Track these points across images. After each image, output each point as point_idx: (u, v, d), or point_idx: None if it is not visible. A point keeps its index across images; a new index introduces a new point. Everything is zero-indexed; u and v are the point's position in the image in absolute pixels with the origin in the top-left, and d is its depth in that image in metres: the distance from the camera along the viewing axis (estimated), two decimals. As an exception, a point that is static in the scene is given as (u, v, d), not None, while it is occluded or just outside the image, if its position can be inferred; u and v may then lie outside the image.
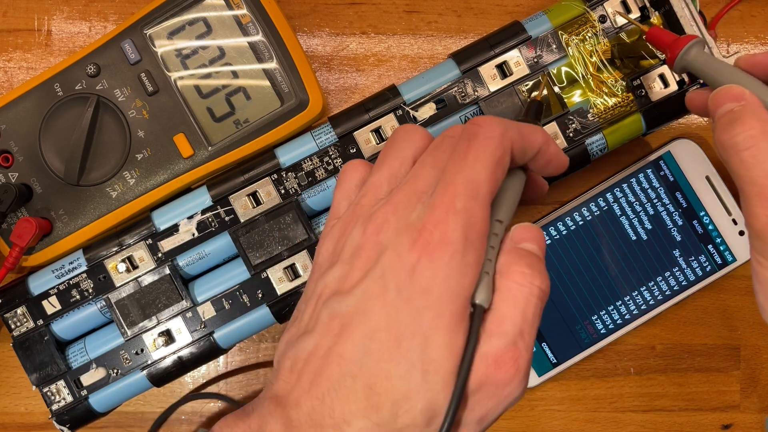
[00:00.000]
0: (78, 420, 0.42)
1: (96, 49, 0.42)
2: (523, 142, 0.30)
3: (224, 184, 0.41)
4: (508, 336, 0.28)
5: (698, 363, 0.47)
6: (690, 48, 0.35)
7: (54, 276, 0.41)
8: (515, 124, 0.30)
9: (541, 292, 0.29)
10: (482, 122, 0.30)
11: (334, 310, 0.29)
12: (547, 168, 0.33)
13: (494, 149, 0.29)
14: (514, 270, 0.29)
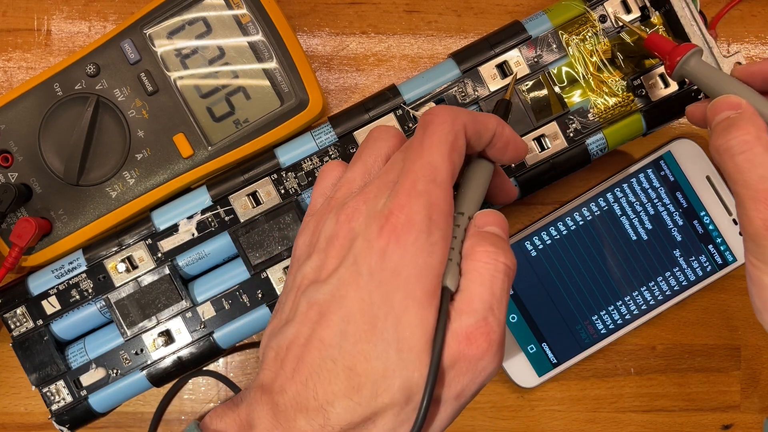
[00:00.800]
0: (78, 420, 0.42)
1: (96, 49, 0.42)
2: (476, 125, 0.32)
3: (224, 184, 0.41)
4: (479, 313, 0.29)
5: (698, 363, 0.47)
6: (689, 57, 0.36)
7: (54, 276, 0.41)
8: (468, 111, 0.32)
9: (506, 267, 0.30)
10: (435, 110, 0.31)
11: (312, 298, 0.30)
12: (506, 152, 0.33)
13: (446, 133, 0.31)
14: (478, 250, 0.30)
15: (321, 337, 0.30)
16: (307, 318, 0.30)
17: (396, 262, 0.29)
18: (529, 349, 0.45)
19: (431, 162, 0.30)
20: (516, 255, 0.45)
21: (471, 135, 0.32)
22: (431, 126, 0.31)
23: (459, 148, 0.31)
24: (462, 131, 0.31)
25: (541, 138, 0.41)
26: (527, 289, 0.45)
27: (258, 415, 0.30)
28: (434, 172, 0.30)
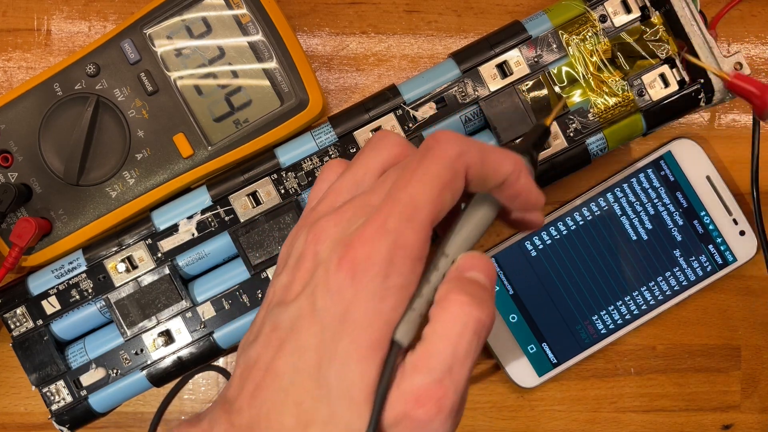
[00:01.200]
0: (77, 420, 0.42)
1: (95, 49, 0.42)
2: (484, 168, 0.28)
3: (224, 184, 0.41)
4: (434, 373, 0.26)
5: (699, 363, 0.47)
6: None
7: (53, 276, 0.41)
8: (480, 147, 0.28)
9: (478, 324, 0.27)
10: (441, 138, 0.28)
11: (274, 321, 0.29)
12: (514, 202, 0.30)
13: (442, 170, 0.27)
14: (451, 299, 0.27)
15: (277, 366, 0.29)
16: (270, 343, 0.29)
17: (347, 303, 0.27)
18: (529, 349, 0.45)
19: (414, 197, 0.27)
20: (516, 255, 0.45)
21: (474, 177, 0.28)
22: (431, 154, 0.28)
23: (454, 189, 0.28)
24: (463, 171, 0.28)
25: (541, 138, 0.41)
26: (527, 289, 0.45)
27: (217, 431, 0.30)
28: (413, 211, 0.27)
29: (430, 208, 0.27)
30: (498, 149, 0.29)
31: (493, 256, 0.45)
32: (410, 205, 0.27)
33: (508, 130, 0.41)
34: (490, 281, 0.28)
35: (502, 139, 0.41)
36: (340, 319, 0.27)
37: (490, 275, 0.29)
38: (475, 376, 0.46)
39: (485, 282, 0.28)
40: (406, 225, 0.27)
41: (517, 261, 0.45)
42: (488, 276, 0.28)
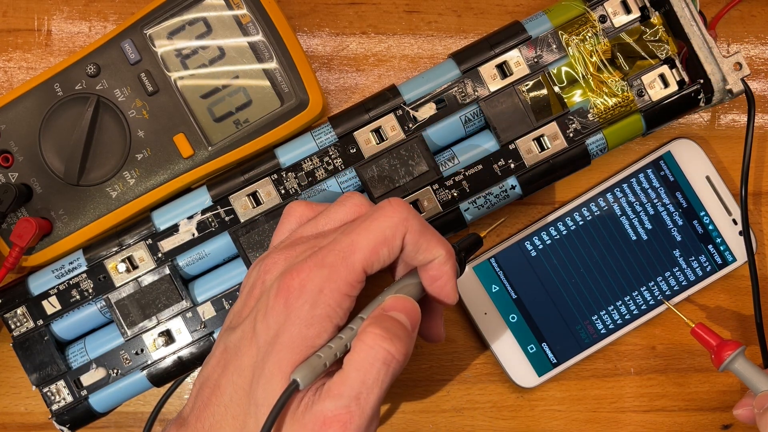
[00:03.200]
0: (78, 420, 0.42)
1: (96, 49, 0.42)
2: (420, 239, 0.32)
3: (224, 184, 0.41)
4: (342, 399, 0.29)
5: (698, 363, 0.47)
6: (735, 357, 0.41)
7: (54, 276, 0.41)
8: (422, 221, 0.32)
9: (389, 356, 0.29)
10: (393, 202, 0.32)
11: (225, 343, 0.33)
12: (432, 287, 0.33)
13: (385, 227, 0.31)
14: (368, 331, 0.30)
15: (221, 384, 0.32)
16: (219, 363, 0.32)
17: (278, 327, 0.30)
18: (529, 349, 0.45)
19: (354, 242, 0.31)
20: (516, 255, 0.45)
21: (410, 243, 0.32)
22: (376, 213, 0.32)
23: (391, 247, 0.31)
24: (402, 233, 0.31)
25: (540, 138, 0.41)
26: (527, 289, 0.45)
27: None
28: (350, 252, 0.30)
29: (365, 254, 0.30)
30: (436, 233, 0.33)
31: (493, 256, 0.45)
32: (349, 248, 0.31)
33: (508, 131, 0.41)
34: (410, 322, 0.31)
35: (501, 139, 0.41)
36: (271, 341, 0.30)
37: (411, 317, 0.32)
38: (475, 375, 0.46)
39: (404, 321, 0.31)
40: (341, 262, 0.30)
41: (517, 261, 0.45)
42: (409, 317, 0.31)
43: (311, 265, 0.31)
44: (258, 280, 0.33)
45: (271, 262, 0.33)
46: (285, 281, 0.30)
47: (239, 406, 0.31)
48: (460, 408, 0.47)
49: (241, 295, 0.34)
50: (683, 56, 0.41)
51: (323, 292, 0.30)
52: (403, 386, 0.46)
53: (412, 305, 0.32)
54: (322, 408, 0.29)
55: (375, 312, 0.32)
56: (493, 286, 0.45)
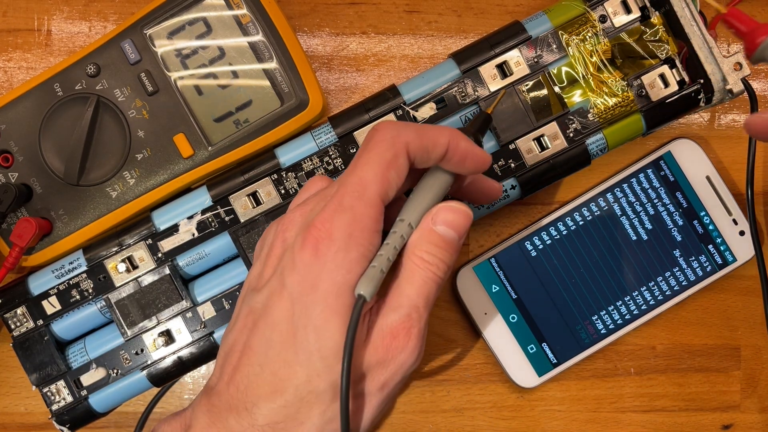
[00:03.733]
0: (78, 420, 0.42)
1: (96, 49, 0.42)
2: (422, 141, 0.32)
3: (224, 184, 0.41)
4: (403, 310, 0.31)
5: (698, 363, 0.47)
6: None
7: (54, 276, 0.41)
8: (414, 126, 0.32)
9: (438, 278, 0.32)
10: (378, 127, 0.32)
11: (249, 306, 0.33)
12: (464, 166, 0.33)
13: (383, 151, 0.31)
14: (419, 252, 0.32)
15: (252, 344, 0.32)
16: (244, 325, 0.33)
17: (315, 276, 0.30)
18: (529, 349, 0.45)
19: (362, 178, 0.31)
20: (516, 255, 0.45)
21: (416, 151, 0.32)
22: (371, 143, 0.32)
23: (398, 166, 0.31)
24: (403, 149, 0.31)
25: (541, 138, 0.41)
26: (527, 289, 0.45)
27: (197, 416, 0.32)
28: (363, 189, 0.31)
29: (377, 185, 0.31)
30: (432, 126, 0.33)
31: (493, 256, 0.45)
32: (360, 184, 0.31)
33: (508, 131, 0.41)
34: (459, 234, 0.33)
35: (501, 139, 0.41)
36: (308, 292, 0.30)
37: (459, 229, 0.33)
38: (475, 376, 0.46)
39: (452, 236, 0.33)
40: (359, 202, 0.31)
41: (517, 261, 0.45)
42: (457, 230, 0.33)
43: (331, 212, 0.31)
44: (277, 240, 0.33)
45: (288, 221, 0.33)
46: (311, 233, 0.31)
47: (279, 360, 0.31)
48: (460, 408, 0.47)
49: (258, 259, 0.34)
50: (683, 56, 0.41)
51: (353, 235, 0.31)
52: (402, 386, 0.46)
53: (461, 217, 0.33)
54: (387, 322, 0.31)
55: (425, 222, 0.33)
56: (493, 286, 0.45)
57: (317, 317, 0.30)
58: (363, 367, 0.31)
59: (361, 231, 0.31)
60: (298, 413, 0.31)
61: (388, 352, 0.31)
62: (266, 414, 0.31)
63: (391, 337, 0.31)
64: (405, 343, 0.31)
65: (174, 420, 0.34)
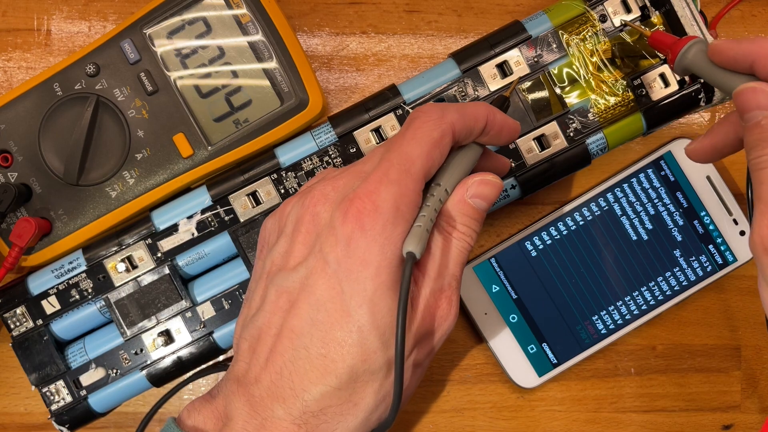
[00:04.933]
0: (77, 420, 0.42)
1: (95, 49, 0.42)
2: (465, 120, 0.32)
3: (224, 184, 0.41)
4: (444, 280, 0.32)
5: (699, 363, 0.47)
6: (689, 48, 0.34)
7: (53, 276, 0.41)
8: (455, 106, 0.32)
9: (470, 246, 0.33)
10: (423, 107, 0.32)
11: (281, 287, 0.31)
12: (501, 137, 0.34)
13: (431, 130, 0.31)
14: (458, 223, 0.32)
15: (292, 326, 0.30)
16: (277, 307, 0.31)
17: (363, 252, 0.29)
18: (529, 349, 0.45)
19: (409, 153, 0.30)
20: (516, 255, 0.45)
21: (460, 131, 0.32)
22: (417, 121, 0.31)
23: (443, 146, 0.31)
24: (449, 129, 0.31)
25: (541, 138, 0.41)
26: (527, 289, 0.45)
27: (235, 406, 0.31)
28: (410, 163, 0.30)
29: (423, 161, 0.30)
30: (469, 103, 0.33)
31: (493, 256, 0.45)
32: (407, 158, 0.30)
33: (508, 130, 0.41)
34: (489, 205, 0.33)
35: (502, 138, 0.41)
36: (361, 267, 0.29)
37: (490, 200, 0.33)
38: (475, 376, 0.46)
39: (485, 207, 0.33)
40: (406, 175, 0.30)
41: (517, 261, 0.45)
42: (489, 202, 0.33)
43: (376, 184, 0.30)
44: (305, 215, 0.31)
45: (319, 194, 0.31)
46: (354, 205, 0.30)
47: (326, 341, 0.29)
48: (460, 408, 0.46)
49: (282, 236, 0.32)
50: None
51: (399, 209, 0.30)
52: (403, 386, 0.46)
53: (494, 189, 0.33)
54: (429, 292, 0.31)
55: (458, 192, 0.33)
56: (493, 286, 0.45)
57: (373, 294, 0.29)
58: (412, 339, 0.31)
59: (407, 205, 0.30)
60: (353, 395, 0.30)
61: (435, 321, 0.31)
62: (318, 398, 0.29)
63: (435, 307, 0.32)
64: (448, 312, 0.32)
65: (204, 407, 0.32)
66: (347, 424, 0.30)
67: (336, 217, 0.30)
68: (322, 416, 0.30)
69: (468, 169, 0.34)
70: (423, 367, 0.33)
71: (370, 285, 0.29)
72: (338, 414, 0.30)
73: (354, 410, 0.30)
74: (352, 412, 0.30)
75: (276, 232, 0.33)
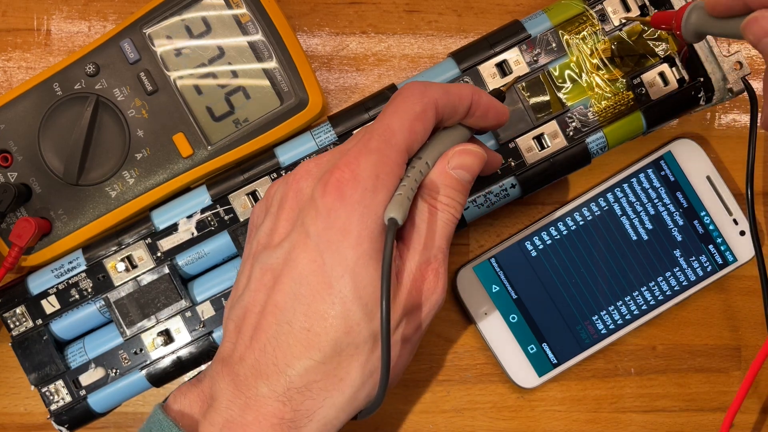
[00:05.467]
0: (77, 420, 0.42)
1: (95, 49, 0.42)
2: (449, 97, 0.32)
3: (224, 184, 0.41)
4: (429, 252, 0.31)
5: (699, 363, 0.47)
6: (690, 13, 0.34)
7: (53, 275, 0.41)
8: (440, 84, 0.32)
9: (455, 219, 0.33)
10: (407, 85, 0.32)
11: (265, 264, 0.31)
12: (487, 119, 0.34)
13: (413, 104, 0.31)
14: (441, 195, 0.32)
15: (275, 302, 0.30)
16: (262, 284, 0.31)
17: (344, 221, 0.29)
18: (529, 350, 0.45)
19: (390, 125, 0.30)
20: (516, 255, 0.45)
21: (444, 107, 0.32)
22: (399, 97, 0.31)
23: (425, 120, 0.31)
24: (432, 104, 0.31)
25: (540, 137, 0.41)
26: (527, 289, 0.45)
27: (219, 387, 0.30)
28: (390, 134, 0.30)
29: (404, 134, 0.30)
30: (454, 84, 0.33)
31: (493, 256, 0.45)
32: (387, 130, 0.30)
33: (508, 129, 0.41)
34: (473, 177, 0.33)
35: (501, 138, 0.41)
36: (341, 237, 0.29)
37: (473, 172, 0.33)
38: (475, 376, 0.46)
39: (469, 179, 0.33)
40: (386, 145, 0.30)
41: (517, 261, 0.45)
42: (472, 174, 0.33)
43: (356, 154, 0.30)
44: (289, 192, 0.32)
45: (302, 171, 0.32)
46: (334, 176, 0.30)
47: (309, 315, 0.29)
48: (460, 408, 0.46)
49: (268, 215, 0.33)
50: (683, 55, 0.41)
51: (379, 177, 0.30)
52: (403, 386, 0.46)
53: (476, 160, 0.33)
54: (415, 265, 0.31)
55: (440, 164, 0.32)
56: (493, 286, 0.45)
57: (354, 263, 0.29)
58: (399, 311, 0.30)
59: (387, 174, 0.30)
60: (337, 369, 0.29)
61: (422, 294, 0.31)
62: (302, 373, 0.29)
63: (422, 280, 0.31)
64: (435, 284, 0.31)
65: (190, 391, 0.32)
66: (333, 400, 0.30)
67: (317, 189, 0.30)
68: (307, 392, 0.29)
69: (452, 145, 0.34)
70: (412, 343, 0.32)
71: (351, 254, 0.29)
72: (323, 390, 0.30)
73: (340, 386, 0.30)
74: (338, 388, 0.30)
75: (263, 214, 0.33)
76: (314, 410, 0.30)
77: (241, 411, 0.30)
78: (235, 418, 0.30)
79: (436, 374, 0.46)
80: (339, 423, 0.30)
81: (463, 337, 0.47)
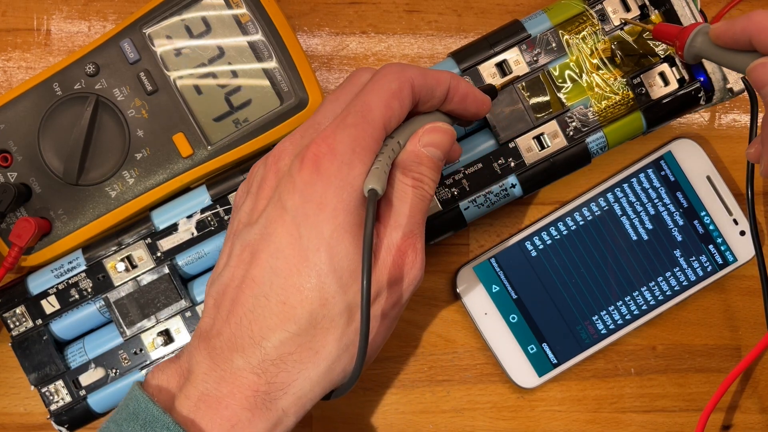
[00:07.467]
0: (76, 420, 0.42)
1: (95, 49, 0.42)
2: (426, 79, 0.32)
3: (224, 184, 0.41)
4: (406, 228, 0.31)
5: (699, 363, 0.47)
6: (696, 36, 0.35)
7: (53, 275, 0.41)
8: (417, 67, 0.33)
9: (429, 195, 0.33)
10: (386, 65, 0.33)
11: (244, 240, 0.31)
12: (466, 107, 0.34)
13: (389, 81, 0.31)
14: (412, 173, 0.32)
15: (253, 276, 0.30)
16: (241, 260, 0.31)
17: (320, 195, 0.29)
18: (529, 350, 0.45)
19: (367, 102, 0.31)
20: (516, 255, 0.45)
21: (420, 88, 0.32)
22: (376, 76, 0.32)
23: (402, 98, 0.31)
24: (408, 83, 0.31)
25: (540, 137, 0.41)
26: (527, 289, 0.45)
27: (196, 360, 0.31)
28: (367, 110, 0.30)
29: (381, 110, 0.30)
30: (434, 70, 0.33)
31: (493, 256, 0.45)
32: (364, 106, 0.30)
33: (508, 129, 0.41)
34: (444, 154, 0.34)
35: (501, 138, 0.41)
36: (317, 210, 0.29)
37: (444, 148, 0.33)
38: (475, 376, 0.46)
39: (439, 156, 0.33)
40: (362, 120, 0.30)
41: (517, 261, 0.45)
42: (443, 150, 0.33)
43: (334, 129, 0.30)
44: (269, 172, 0.32)
45: (279, 150, 0.32)
46: (311, 151, 0.30)
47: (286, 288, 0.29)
48: (460, 408, 0.46)
49: (249, 195, 0.33)
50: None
51: (356, 151, 0.30)
52: (403, 387, 0.46)
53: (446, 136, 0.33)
54: (392, 241, 0.31)
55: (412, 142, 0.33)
56: (493, 286, 0.45)
57: (330, 236, 0.29)
58: (377, 287, 0.31)
59: (364, 149, 0.30)
60: (312, 341, 0.30)
61: (401, 270, 0.31)
62: (277, 345, 0.29)
63: (399, 254, 0.31)
64: (414, 259, 0.32)
65: (168, 367, 0.32)
66: (308, 373, 0.30)
67: (294, 164, 0.30)
68: (282, 364, 0.30)
69: None
70: (390, 318, 0.32)
71: (327, 227, 0.29)
72: (298, 362, 0.30)
73: (315, 358, 0.30)
74: (312, 360, 0.30)
75: (245, 194, 0.34)
76: (289, 383, 0.30)
77: (216, 384, 0.30)
78: (210, 390, 0.30)
79: (436, 374, 0.46)
80: (314, 396, 0.31)
81: (463, 337, 0.47)
